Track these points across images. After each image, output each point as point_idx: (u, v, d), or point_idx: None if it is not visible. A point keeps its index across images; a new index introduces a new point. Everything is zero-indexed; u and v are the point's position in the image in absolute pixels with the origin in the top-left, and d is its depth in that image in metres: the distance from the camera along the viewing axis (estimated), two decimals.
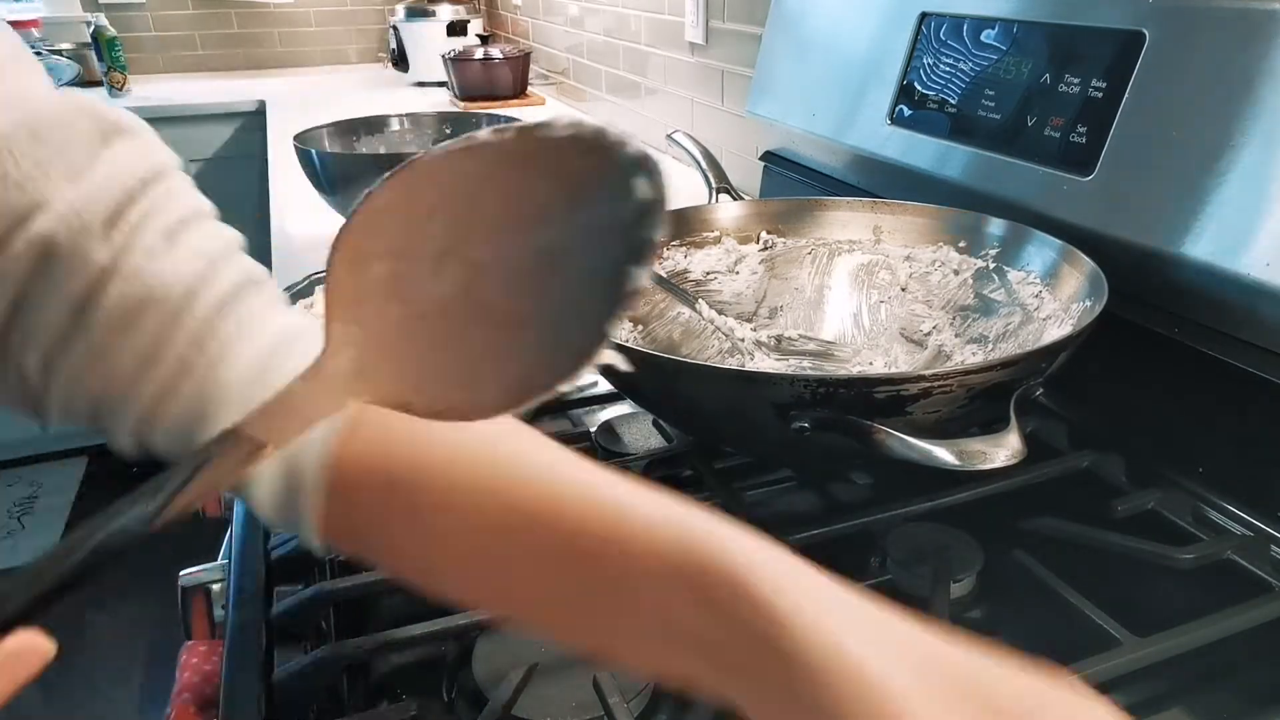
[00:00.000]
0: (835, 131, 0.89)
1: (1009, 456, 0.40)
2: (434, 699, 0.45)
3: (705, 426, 0.58)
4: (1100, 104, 0.61)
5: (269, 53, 2.94)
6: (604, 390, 0.73)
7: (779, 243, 0.77)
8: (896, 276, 0.73)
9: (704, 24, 1.40)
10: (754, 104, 1.07)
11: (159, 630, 1.86)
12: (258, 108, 2.32)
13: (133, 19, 2.72)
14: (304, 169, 1.09)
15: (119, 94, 2.37)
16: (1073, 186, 0.62)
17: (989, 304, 0.66)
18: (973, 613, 0.50)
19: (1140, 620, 0.44)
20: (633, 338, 0.71)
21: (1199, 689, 0.44)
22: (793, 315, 0.76)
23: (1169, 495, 0.54)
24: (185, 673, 0.53)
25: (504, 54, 2.17)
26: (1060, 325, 0.58)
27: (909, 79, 0.79)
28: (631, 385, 0.58)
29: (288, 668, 0.43)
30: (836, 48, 0.91)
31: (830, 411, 0.45)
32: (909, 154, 0.78)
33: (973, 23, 0.72)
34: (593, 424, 0.68)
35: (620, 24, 1.78)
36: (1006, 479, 0.55)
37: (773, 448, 0.57)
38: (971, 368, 0.46)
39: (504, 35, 2.80)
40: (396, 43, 2.51)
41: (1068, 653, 0.42)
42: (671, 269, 0.75)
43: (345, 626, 0.48)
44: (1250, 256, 0.51)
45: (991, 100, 0.70)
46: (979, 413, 0.47)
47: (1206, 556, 0.49)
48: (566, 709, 0.42)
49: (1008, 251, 0.66)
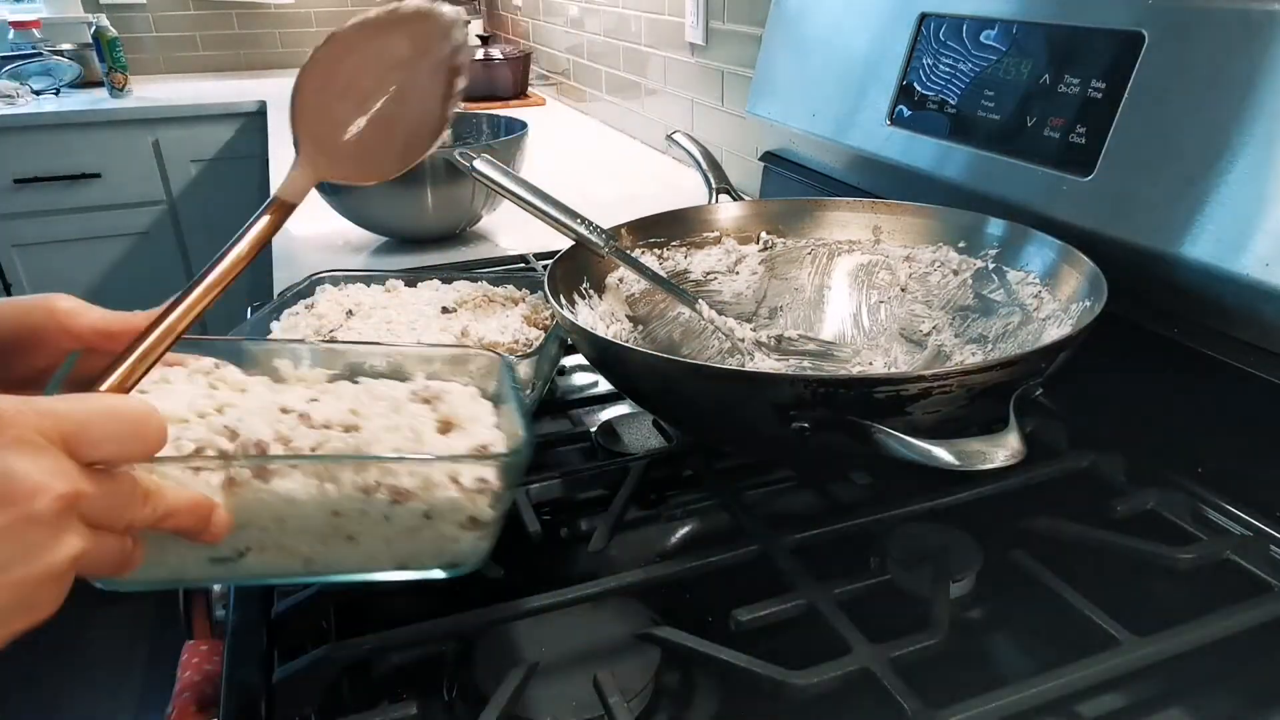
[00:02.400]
0: (835, 132, 0.89)
1: (1009, 457, 0.40)
2: (434, 699, 0.45)
3: (705, 426, 0.58)
4: (1100, 104, 0.61)
5: (269, 53, 2.94)
6: (604, 390, 0.73)
7: (779, 243, 0.77)
8: (896, 277, 0.73)
9: (704, 24, 1.40)
10: (754, 104, 1.07)
11: (159, 630, 1.86)
12: (258, 108, 2.32)
13: (134, 19, 2.72)
14: None
15: (120, 94, 2.37)
16: (1072, 187, 0.62)
17: (989, 304, 0.66)
18: (973, 613, 0.50)
19: (1140, 620, 0.44)
20: (633, 338, 0.71)
21: (1199, 689, 0.44)
22: (793, 315, 0.76)
23: (1169, 495, 0.54)
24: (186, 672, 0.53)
25: (504, 54, 2.17)
26: (1060, 325, 0.58)
27: (909, 79, 0.79)
28: (631, 385, 0.58)
29: (288, 668, 0.43)
30: (836, 48, 0.91)
31: (830, 411, 0.45)
32: (909, 154, 0.78)
33: (972, 23, 0.72)
34: (593, 424, 0.68)
35: (620, 24, 1.78)
36: (1006, 479, 0.55)
37: (773, 448, 0.58)
38: (971, 368, 0.46)
39: (504, 36, 2.80)
40: None
41: (1068, 653, 0.42)
42: (672, 269, 0.75)
43: (345, 626, 0.48)
44: (1250, 256, 0.51)
45: (991, 101, 0.70)
46: (979, 413, 0.47)
47: (1206, 556, 0.49)
48: (566, 709, 0.42)
49: (1007, 252, 0.66)
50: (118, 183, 2.28)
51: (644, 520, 0.59)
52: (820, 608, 0.45)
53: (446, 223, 1.14)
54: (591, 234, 0.68)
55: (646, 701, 0.44)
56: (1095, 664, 0.41)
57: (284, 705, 0.42)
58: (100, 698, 1.72)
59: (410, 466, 0.37)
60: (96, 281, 2.36)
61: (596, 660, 0.45)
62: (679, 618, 0.46)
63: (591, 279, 0.70)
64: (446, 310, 0.67)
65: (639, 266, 0.70)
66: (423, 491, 0.37)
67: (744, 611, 0.45)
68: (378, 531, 0.38)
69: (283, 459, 0.37)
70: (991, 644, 0.49)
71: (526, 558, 0.52)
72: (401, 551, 0.39)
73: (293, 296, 0.70)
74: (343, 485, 0.36)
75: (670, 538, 0.58)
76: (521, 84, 2.22)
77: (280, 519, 0.37)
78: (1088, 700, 0.42)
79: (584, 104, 2.13)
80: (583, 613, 0.48)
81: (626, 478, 0.58)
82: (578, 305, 0.67)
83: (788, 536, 0.51)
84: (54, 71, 2.44)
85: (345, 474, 0.36)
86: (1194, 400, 0.58)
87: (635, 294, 0.73)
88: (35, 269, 2.30)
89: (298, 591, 0.47)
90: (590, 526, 0.56)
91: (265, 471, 0.36)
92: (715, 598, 0.47)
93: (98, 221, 2.31)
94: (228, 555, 0.37)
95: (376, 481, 0.37)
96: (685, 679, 0.46)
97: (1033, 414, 0.63)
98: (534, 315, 0.68)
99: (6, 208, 2.22)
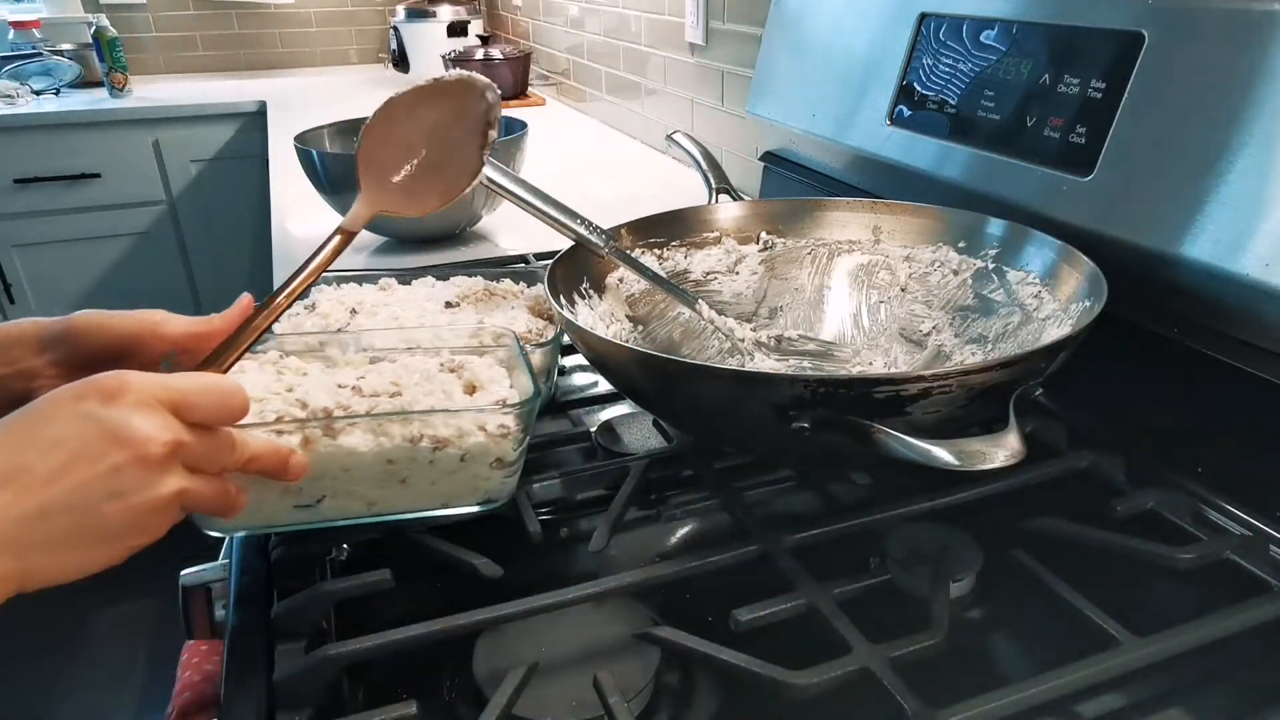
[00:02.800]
0: (835, 132, 0.89)
1: (1008, 457, 0.40)
2: (434, 699, 0.45)
3: (705, 426, 0.58)
4: (1100, 104, 0.61)
5: (270, 53, 2.95)
6: (604, 390, 0.73)
7: (779, 243, 0.77)
8: (896, 277, 0.73)
9: (704, 24, 1.40)
10: (754, 104, 1.07)
11: (159, 630, 1.86)
12: (259, 108, 2.32)
13: (134, 19, 2.72)
14: (305, 169, 1.09)
15: (120, 94, 2.37)
16: (1072, 187, 0.62)
17: (988, 304, 0.66)
18: (973, 613, 0.50)
19: (1140, 620, 0.44)
20: (633, 338, 0.71)
21: (1199, 689, 0.44)
22: (793, 315, 0.76)
23: (1169, 495, 0.54)
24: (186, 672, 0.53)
25: (504, 55, 2.17)
26: (1060, 325, 0.58)
27: (909, 80, 0.79)
28: (631, 385, 0.58)
29: (288, 668, 0.43)
30: (836, 48, 0.91)
31: (830, 411, 0.45)
32: (909, 154, 0.78)
33: (972, 23, 0.72)
34: (593, 424, 0.68)
35: (620, 24, 1.78)
36: (1006, 479, 0.55)
37: (773, 448, 0.58)
38: (971, 368, 0.46)
39: (504, 36, 2.80)
40: (397, 43, 2.51)
41: (1068, 653, 0.42)
42: (672, 269, 0.75)
43: (345, 626, 0.48)
44: (1249, 257, 0.51)
45: (991, 101, 0.70)
46: (979, 413, 0.47)
47: (1206, 556, 0.49)
48: (566, 709, 0.42)
49: (1007, 252, 0.66)
50: (118, 183, 2.28)
51: (644, 520, 0.59)
52: (820, 608, 0.45)
53: (446, 223, 1.14)
54: (591, 234, 0.68)
55: (646, 701, 0.44)
56: (1095, 664, 0.41)
57: (284, 705, 0.42)
58: (100, 698, 1.72)
59: (445, 418, 0.47)
60: (96, 281, 2.36)
61: (596, 660, 0.45)
62: (679, 618, 0.46)
63: (591, 279, 0.70)
64: (450, 305, 0.67)
65: (639, 267, 0.70)
66: (457, 439, 0.47)
67: (744, 611, 0.45)
68: (424, 475, 0.48)
69: (345, 418, 0.46)
70: (991, 644, 0.49)
71: (526, 558, 0.52)
72: (445, 490, 0.49)
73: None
74: (393, 437, 0.46)
75: (670, 538, 0.58)
76: (521, 84, 2.22)
77: (346, 469, 0.46)
78: (1088, 700, 0.42)
79: (584, 104, 2.13)
80: (583, 613, 0.48)
81: (626, 478, 0.58)
82: (577, 305, 0.67)
83: (788, 536, 0.51)
84: (54, 71, 2.44)
85: (394, 428, 0.46)
86: (1194, 400, 0.58)
87: (635, 294, 0.73)
88: (35, 269, 2.30)
89: (298, 592, 0.47)
90: (590, 526, 0.56)
91: (332, 430, 0.46)
92: (715, 598, 0.47)
93: (98, 221, 2.31)
94: (308, 502, 0.47)
95: (420, 433, 0.47)
96: (685, 679, 0.46)
97: (1033, 414, 0.63)
98: (537, 306, 0.68)
99: (6, 208, 2.22)
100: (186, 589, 0.52)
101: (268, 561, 0.51)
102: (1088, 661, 0.41)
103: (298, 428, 0.45)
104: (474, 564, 0.49)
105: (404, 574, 0.48)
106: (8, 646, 1.82)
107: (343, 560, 0.53)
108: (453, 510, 0.50)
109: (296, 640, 0.46)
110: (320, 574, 0.51)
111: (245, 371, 0.51)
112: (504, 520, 0.54)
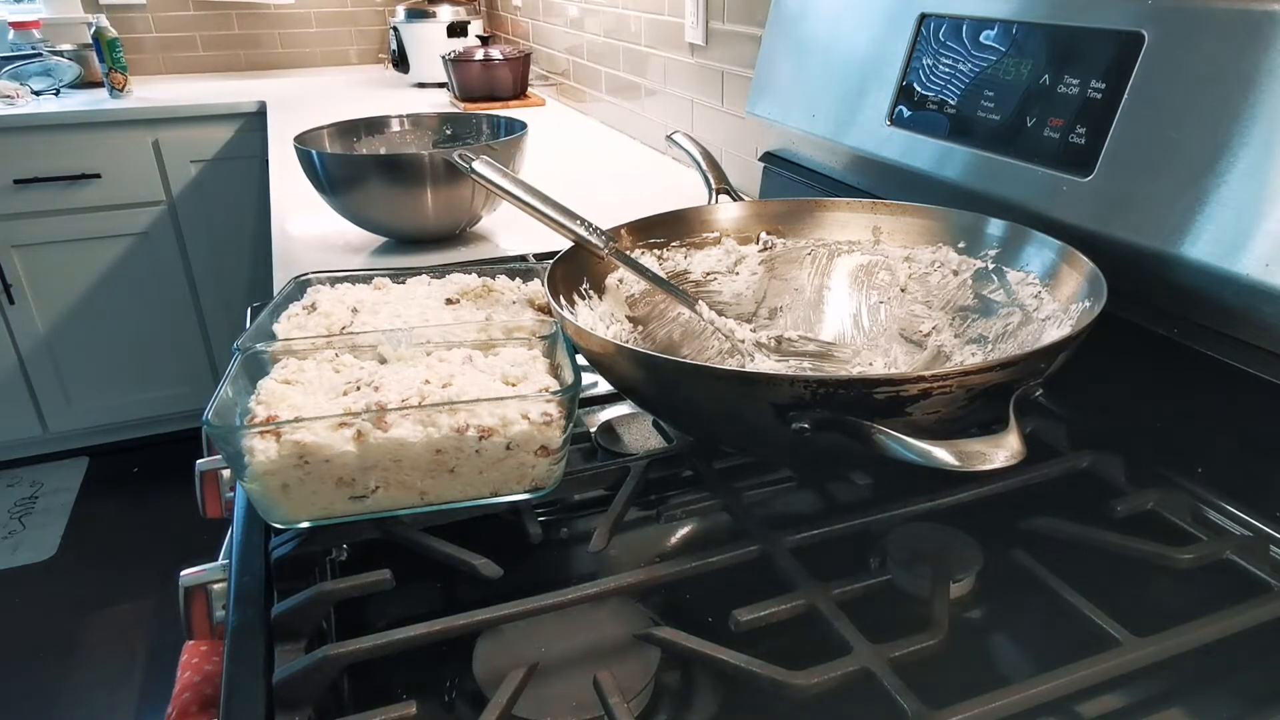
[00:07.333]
0: (835, 132, 0.89)
1: (1008, 457, 0.40)
2: (434, 699, 0.45)
3: (705, 426, 0.58)
4: (1099, 105, 0.61)
5: (269, 54, 2.95)
6: (604, 390, 0.73)
7: (779, 243, 0.77)
8: (896, 277, 0.73)
9: (704, 25, 1.41)
10: (754, 105, 1.07)
11: (159, 630, 1.86)
12: (258, 109, 2.32)
13: (134, 20, 2.72)
14: (305, 170, 1.09)
15: (120, 95, 2.37)
16: (1072, 187, 0.62)
17: (988, 304, 0.66)
18: (973, 613, 0.50)
19: (1140, 620, 0.44)
20: (633, 338, 0.71)
21: (1199, 689, 0.44)
22: (792, 316, 0.76)
23: (1168, 495, 0.54)
24: (186, 672, 0.53)
25: (504, 55, 2.17)
26: (1060, 326, 0.58)
27: (908, 80, 0.79)
28: (631, 385, 0.58)
29: (288, 668, 0.43)
30: (836, 49, 0.91)
31: (830, 412, 0.45)
32: (908, 155, 0.78)
33: (972, 24, 0.72)
34: (593, 424, 0.68)
35: (620, 25, 1.78)
36: (1006, 479, 0.55)
37: (773, 448, 0.58)
38: (971, 368, 0.46)
39: (504, 36, 2.80)
40: (397, 44, 2.51)
41: (1068, 653, 0.42)
42: (671, 270, 0.75)
43: (345, 626, 0.48)
44: (1249, 257, 0.51)
45: (991, 101, 0.70)
46: (978, 413, 0.47)
47: (1206, 556, 0.49)
48: (566, 709, 0.42)
49: (1007, 252, 0.66)
50: (118, 183, 2.28)
51: (644, 521, 0.59)
52: (820, 608, 0.45)
53: (446, 223, 1.14)
54: (591, 235, 0.68)
55: (646, 701, 0.44)
56: (1095, 664, 0.41)
57: (284, 705, 0.42)
58: (100, 698, 1.72)
59: (489, 407, 0.49)
60: (96, 281, 2.36)
61: (596, 660, 0.45)
62: (679, 618, 0.46)
63: (591, 280, 0.70)
64: (450, 301, 0.67)
65: (638, 267, 0.70)
66: (502, 427, 0.49)
67: (744, 611, 0.45)
68: (472, 464, 0.49)
69: (395, 410, 0.48)
70: (991, 644, 0.49)
71: (526, 558, 0.52)
72: (493, 479, 0.50)
73: (283, 300, 0.69)
74: (441, 427, 0.48)
75: (670, 538, 0.58)
76: (521, 84, 2.22)
77: (397, 459, 0.48)
78: (1088, 700, 0.42)
79: (584, 104, 2.13)
80: (583, 613, 0.48)
81: (626, 478, 0.58)
82: (577, 306, 0.67)
83: (788, 536, 0.51)
84: (54, 72, 2.44)
85: (442, 418, 0.48)
86: (1194, 400, 0.58)
87: (635, 294, 0.73)
88: (35, 269, 2.30)
89: (298, 591, 0.47)
90: (590, 527, 0.56)
91: (384, 423, 0.48)
92: (715, 598, 0.47)
93: (98, 222, 2.31)
94: (362, 493, 0.49)
95: (466, 423, 0.48)
96: (685, 679, 0.46)
97: (1033, 414, 0.63)
98: (537, 300, 0.68)
99: (6, 208, 2.22)
100: (187, 589, 0.52)
101: (268, 561, 0.51)
102: (1088, 661, 0.41)
103: (352, 419, 0.48)
104: (474, 564, 0.49)
105: (404, 574, 0.48)
106: (8, 647, 1.82)
107: (342, 560, 0.53)
108: (502, 499, 0.51)
109: (296, 640, 0.46)
110: (320, 574, 0.51)
111: (305, 371, 0.54)
112: (504, 521, 0.54)
